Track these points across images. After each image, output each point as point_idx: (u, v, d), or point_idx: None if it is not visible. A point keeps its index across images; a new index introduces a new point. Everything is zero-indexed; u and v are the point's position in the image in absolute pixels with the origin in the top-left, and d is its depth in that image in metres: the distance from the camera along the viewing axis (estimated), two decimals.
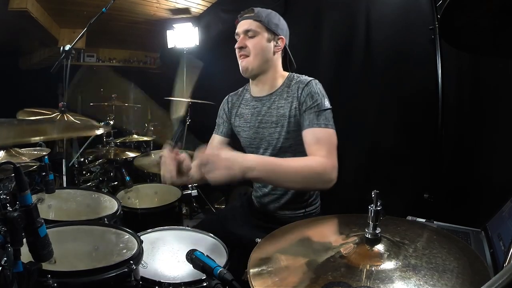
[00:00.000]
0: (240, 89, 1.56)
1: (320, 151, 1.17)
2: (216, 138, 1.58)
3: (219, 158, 1.00)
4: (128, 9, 3.56)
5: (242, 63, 1.38)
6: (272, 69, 1.39)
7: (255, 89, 1.45)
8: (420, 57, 1.80)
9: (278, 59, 1.41)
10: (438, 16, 1.44)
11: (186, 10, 3.63)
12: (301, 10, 2.51)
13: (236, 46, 1.37)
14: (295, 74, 1.41)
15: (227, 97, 1.59)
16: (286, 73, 1.43)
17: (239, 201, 1.72)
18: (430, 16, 1.71)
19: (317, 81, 1.35)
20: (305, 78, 1.36)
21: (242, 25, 1.37)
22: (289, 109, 1.32)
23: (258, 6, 1.39)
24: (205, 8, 3.59)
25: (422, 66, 1.77)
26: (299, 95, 1.30)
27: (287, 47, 1.42)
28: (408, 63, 1.89)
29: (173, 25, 3.59)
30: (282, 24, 1.40)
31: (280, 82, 1.40)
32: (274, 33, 1.36)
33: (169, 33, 3.69)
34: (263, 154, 1.42)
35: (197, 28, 3.52)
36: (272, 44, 1.36)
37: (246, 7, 1.39)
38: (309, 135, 1.23)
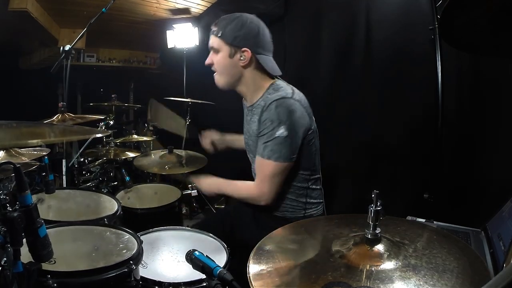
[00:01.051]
0: None
1: (256, 179, 1.36)
2: None
3: (204, 185, 1.52)
4: (128, 9, 3.56)
5: (215, 79, 1.40)
6: (245, 84, 1.34)
7: (244, 100, 1.49)
8: (420, 57, 1.79)
9: (251, 72, 1.32)
10: (438, 16, 1.44)
11: (186, 10, 3.63)
12: (301, 10, 2.51)
13: (205, 63, 1.38)
14: (273, 87, 1.32)
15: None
16: (268, 83, 1.34)
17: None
18: (430, 16, 1.70)
19: (281, 101, 1.23)
20: (274, 95, 1.26)
21: (210, 41, 1.36)
22: (258, 128, 1.32)
23: (258, 6, 1.39)
24: (205, 8, 3.59)
25: (422, 66, 1.77)
26: (260, 116, 1.28)
27: (257, 56, 1.30)
28: (408, 63, 1.89)
29: (173, 25, 3.59)
30: (245, 33, 1.27)
31: (259, 94, 1.35)
32: (236, 46, 1.27)
33: (169, 33, 3.69)
34: (253, 159, 1.44)
35: (197, 28, 3.52)
36: (236, 58, 1.29)
37: (246, 7, 1.39)
38: (255, 161, 1.35)
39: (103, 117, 2.33)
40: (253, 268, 0.73)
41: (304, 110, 1.31)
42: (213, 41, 1.32)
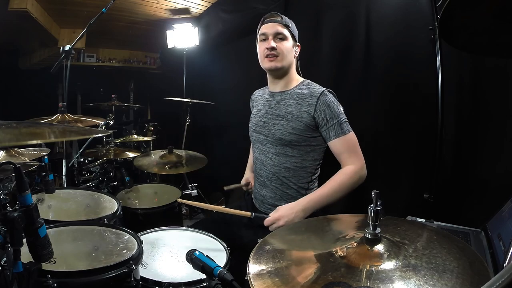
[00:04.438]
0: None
1: (350, 158, 1.40)
2: None
3: (284, 219, 1.29)
4: (128, 9, 3.56)
5: (271, 62, 1.47)
6: (290, 70, 1.53)
7: (271, 85, 1.59)
8: (420, 57, 1.79)
9: (293, 64, 1.55)
10: (438, 16, 1.44)
11: (186, 10, 3.63)
12: (301, 10, 2.51)
13: (267, 46, 1.46)
14: (308, 81, 1.54)
15: (253, 93, 1.77)
16: (301, 78, 1.57)
17: (242, 202, 1.73)
18: (430, 16, 1.70)
19: (330, 90, 1.46)
20: (319, 87, 1.47)
21: (272, 27, 1.47)
22: (298, 110, 1.43)
23: (258, 6, 1.40)
24: (205, 8, 3.59)
25: (422, 66, 1.77)
26: (315, 103, 1.40)
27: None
28: (408, 63, 1.89)
29: (173, 25, 3.59)
30: (298, 34, 1.56)
31: (294, 84, 1.53)
32: (295, 40, 1.53)
33: (169, 33, 3.69)
34: (263, 141, 1.53)
35: (197, 28, 3.52)
36: (293, 49, 1.52)
37: (246, 7, 1.40)
38: (338, 144, 1.40)
39: (102, 123, 2.32)
40: (253, 268, 0.73)
41: None
42: (282, 29, 1.47)
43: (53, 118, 1.82)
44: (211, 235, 1.37)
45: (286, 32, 1.47)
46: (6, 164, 0.76)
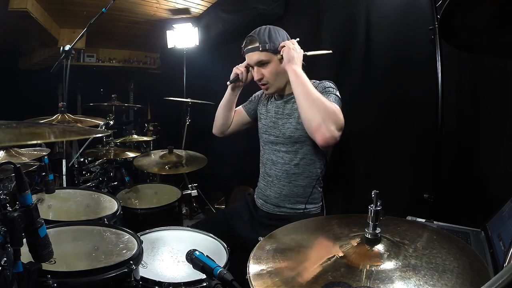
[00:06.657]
0: None
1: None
2: (240, 110, 1.77)
3: (294, 47, 1.40)
4: (128, 9, 3.56)
5: (265, 91, 1.55)
6: (288, 78, 1.48)
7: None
8: (420, 57, 1.79)
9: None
10: (438, 16, 1.44)
11: (186, 10, 3.63)
12: (301, 10, 2.51)
13: (255, 79, 1.52)
14: (312, 80, 1.50)
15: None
16: None
17: (243, 201, 1.73)
18: (430, 16, 1.70)
19: (330, 81, 1.50)
20: (317, 81, 1.49)
21: (252, 57, 1.47)
22: None
23: (258, 6, 1.40)
24: (205, 8, 3.59)
25: (422, 66, 1.77)
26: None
27: None
28: (408, 63, 1.89)
29: (173, 25, 3.59)
30: (282, 36, 1.50)
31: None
32: (279, 51, 1.45)
33: (169, 33, 3.69)
34: (275, 141, 1.55)
35: (197, 28, 3.52)
36: (280, 61, 1.46)
37: (246, 7, 1.39)
38: None
39: (102, 123, 2.32)
40: (253, 268, 0.73)
41: None
42: (260, 55, 1.45)
43: (53, 118, 1.82)
44: (211, 235, 1.38)
45: (265, 56, 1.45)
46: (6, 164, 0.76)
